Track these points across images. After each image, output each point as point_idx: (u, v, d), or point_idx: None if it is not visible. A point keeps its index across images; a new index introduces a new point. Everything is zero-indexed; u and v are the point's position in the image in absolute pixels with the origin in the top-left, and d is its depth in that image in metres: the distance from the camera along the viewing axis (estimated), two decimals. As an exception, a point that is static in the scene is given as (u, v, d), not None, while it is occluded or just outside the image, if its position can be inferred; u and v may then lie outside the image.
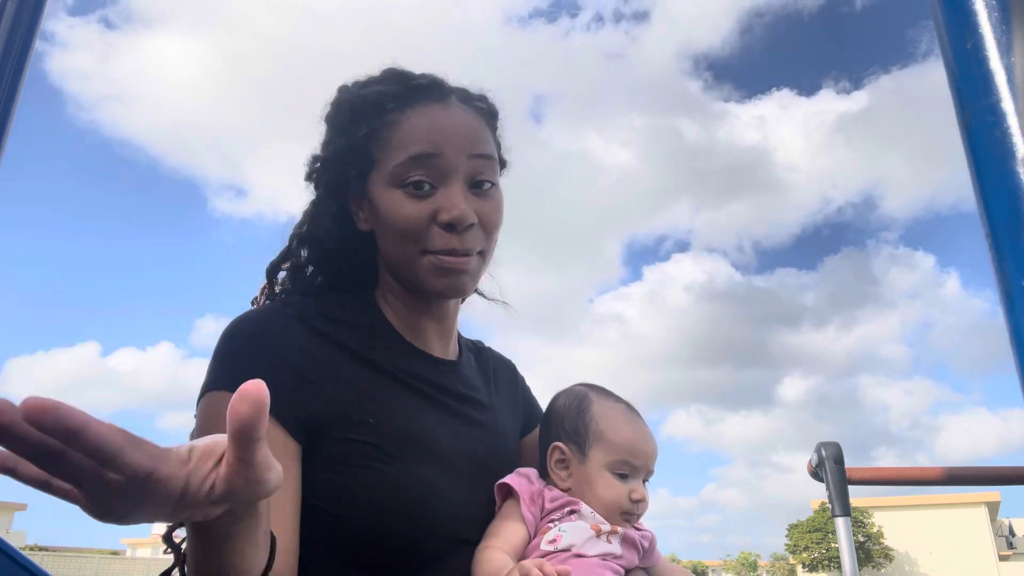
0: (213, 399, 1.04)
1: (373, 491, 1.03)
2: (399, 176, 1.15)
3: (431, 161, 1.15)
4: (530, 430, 1.42)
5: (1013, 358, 0.48)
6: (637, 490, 1.18)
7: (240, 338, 1.10)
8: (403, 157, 1.15)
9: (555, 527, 1.12)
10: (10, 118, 0.88)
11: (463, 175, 1.16)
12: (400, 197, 1.15)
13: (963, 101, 0.53)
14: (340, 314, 1.18)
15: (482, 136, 1.22)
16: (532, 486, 1.16)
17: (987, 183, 0.51)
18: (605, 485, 1.17)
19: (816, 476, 2.38)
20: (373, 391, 1.11)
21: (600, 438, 1.20)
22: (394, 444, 1.07)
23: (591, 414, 1.22)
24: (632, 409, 1.27)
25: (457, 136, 1.17)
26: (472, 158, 1.17)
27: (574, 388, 1.30)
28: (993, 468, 2.48)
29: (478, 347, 1.44)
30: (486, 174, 1.19)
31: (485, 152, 1.20)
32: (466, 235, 1.15)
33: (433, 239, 1.14)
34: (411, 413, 1.12)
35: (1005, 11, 0.52)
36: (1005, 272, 0.48)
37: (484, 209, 1.18)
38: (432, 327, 1.25)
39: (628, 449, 1.19)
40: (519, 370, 1.50)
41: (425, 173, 1.15)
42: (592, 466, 1.18)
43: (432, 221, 1.14)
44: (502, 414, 1.33)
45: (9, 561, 1.12)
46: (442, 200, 1.14)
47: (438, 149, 1.15)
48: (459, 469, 1.13)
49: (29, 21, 0.91)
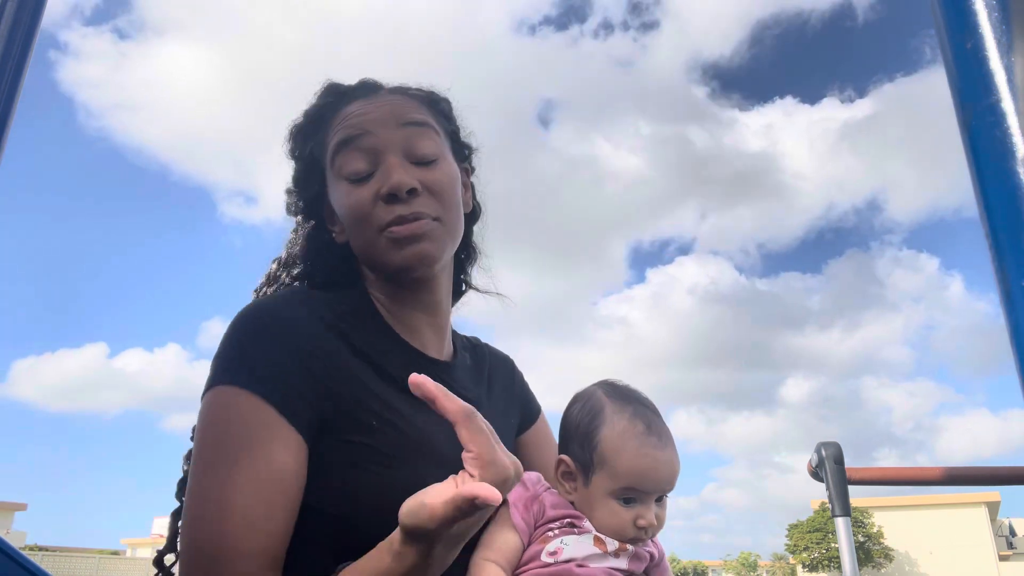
0: (224, 395, 1.01)
1: (374, 493, 1.01)
2: (338, 168, 1.18)
3: (360, 141, 1.17)
4: (528, 427, 1.41)
5: (1013, 358, 0.48)
6: (644, 516, 1.09)
7: (254, 331, 1.06)
8: (333, 148, 1.19)
9: (557, 539, 1.07)
10: (10, 118, 0.88)
11: (399, 148, 1.17)
12: (345, 188, 1.17)
13: (963, 101, 0.53)
14: (343, 308, 1.16)
15: (410, 108, 1.22)
16: (527, 491, 1.12)
17: (987, 183, 0.50)
18: (608, 512, 1.09)
19: (816, 476, 2.38)
20: (376, 389, 1.09)
21: (604, 464, 1.10)
22: (394, 446, 1.06)
23: (599, 436, 1.12)
24: (652, 425, 1.14)
25: (382, 113, 1.19)
26: (402, 127, 1.18)
27: (593, 394, 1.19)
28: (993, 468, 2.48)
29: (474, 344, 1.42)
30: (424, 144, 1.18)
31: (415, 119, 1.20)
32: (412, 201, 1.14)
33: (381, 215, 1.14)
34: (411, 413, 1.11)
35: (1005, 11, 0.51)
36: (1005, 272, 0.48)
37: (427, 177, 1.16)
38: (424, 321, 1.23)
39: (634, 478, 1.09)
40: (517, 366, 1.48)
41: (358, 158, 1.16)
42: (594, 491, 1.10)
43: (377, 199, 1.14)
44: (498, 413, 1.31)
45: (9, 561, 1.12)
46: (380, 176, 1.15)
47: (363, 129, 1.17)
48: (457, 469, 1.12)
49: (29, 21, 0.91)
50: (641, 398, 1.19)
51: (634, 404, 1.16)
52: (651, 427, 1.13)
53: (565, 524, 1.09)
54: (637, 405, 1.16)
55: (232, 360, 1.04)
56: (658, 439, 1.12)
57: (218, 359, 1.05)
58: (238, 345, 1.05)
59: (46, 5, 0.95)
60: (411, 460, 1.06)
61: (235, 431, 0.99)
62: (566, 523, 1.09)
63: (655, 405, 1.19)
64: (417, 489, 1.05)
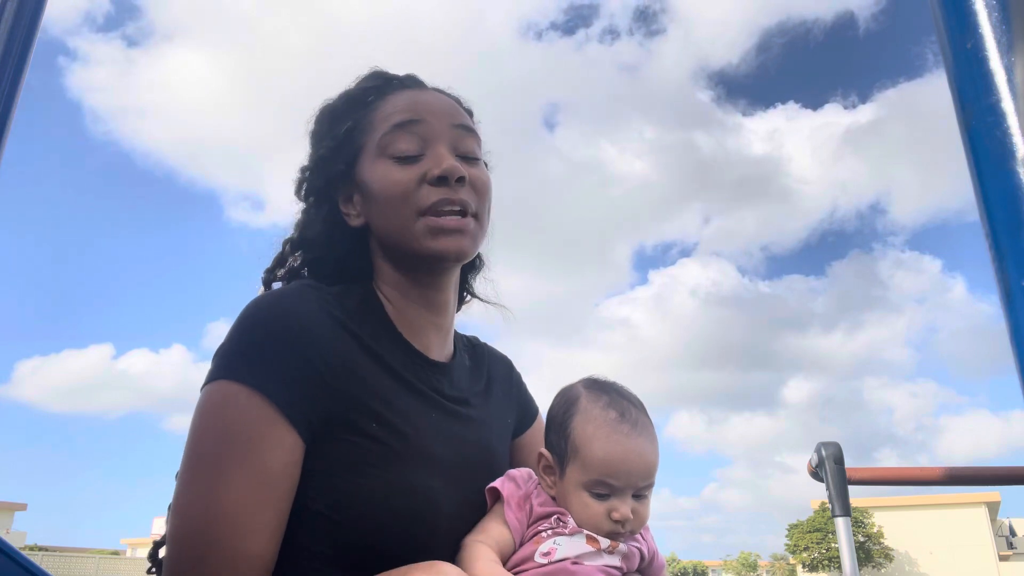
0: (223, 389, 0.99)
1: (373, 496, 1.00)
2: (385, 146, 1.18)
3: (415, 127, 1.18)
4: (525, 428, 1.41)
5: (1013, 358, 0.48)
6: (619, 509, 1.07)
7: (258, 326, 1.04)
8: (387, 127, 1.18)
9: (550, 540, 1.07)
10: (10, 118, 0.88)
11: (448, 142, 1.19)
12: (389, 165, 1.17)
13: (963, 101, 0.53)
14: (351, 303, 1.15)
15: (462, 112, 1.26)
16: (520, 490, 1.12)
17: (987, 183, 0.50)
18: (580, 504, 1.09)
19: (816, 476, 2.38)
20: (379, 389, 1.08)
21: (575, 455, 1.10)
22: (394, 450, 1.05)
23: (571, 425, 1.12)
24: (627, 416, 1.13)
25: (438, 107, 1.22)
26: (455, 127, 1.20)
27: (572, 387, 1.21)
28: (993, 468, 2.48)
29: (473, 344, 1.41)
30: (470, 147, 1.21)
31: (466, 124, 1.23)
32: (459, 189, 1.15)
33: (425, 197, 1.13)
34: (411, 415, 1.10)
35: (1005, 11, 0.51)
36: (1005, 272, 0.48)
37: (473, 172, 1.19)
38: (430, 323, 1.21)
39: (604, 469, 1.08)
40: (515, 367, 1.48)
41: (411, 141, 1.17)
42: (568, 483, 1.10)
43: (422, 181, 1.14)
44: (495, 414, 1.30)
45: (9, 561, 1.11)
46: (430, 161, 1.16)
47: (420, 116, 1.19)
48: (454, 473, 1.11)
49: (29, 21, 0.91)
50: (620, 389, 1.18)
51: (611, 394, 1.16)
52: (624, 415, 1.12)
53: (554, 522, 1.09)
54: (614, 395, 1.16)
55: (234, 354, 1.02)
56: (631, 427, 1.11)
57: (221, 352, 1.03)
58: (241, 339, 1.03)
59: (46, 5, 0.95)
60: (409, 464, 1.05)
61: (231, 428, 0.97)
62: (554, 520, 1.09)
63: (639, 399, 1.19)
64: (417, 491, 1.04)
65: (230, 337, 1.04)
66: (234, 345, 1.03)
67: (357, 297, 1.18)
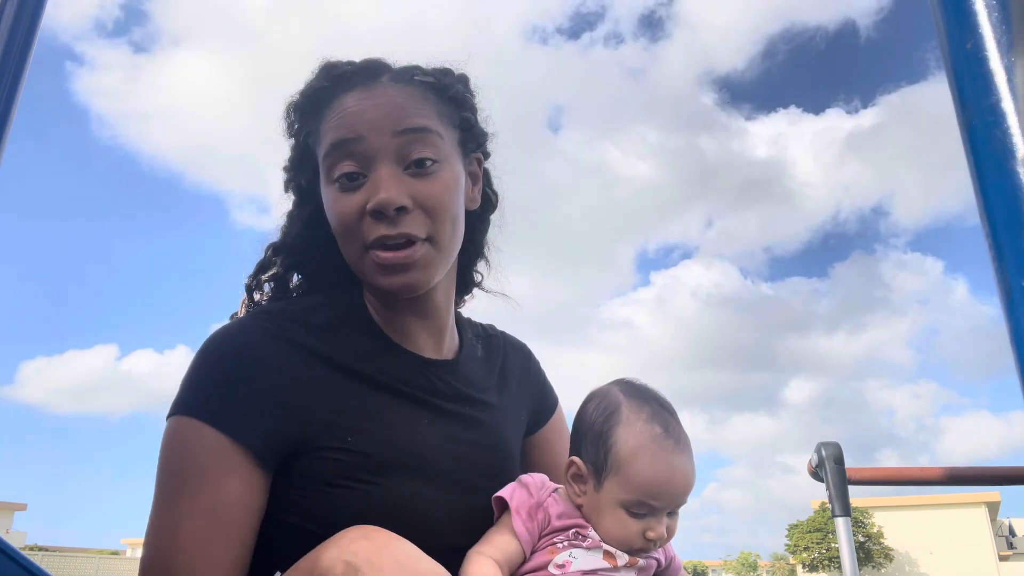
0: (179, 425, 1.02)
1: (353, 510, 0.99)
2: (328, 170, 1.11)
3: (353, 146, 1.08)
4: (543, 423, 1.36)
5: (1013, 359, 0.48)
6: (654, 529, 1.04)
7: (212, 360, 1.05)
8: (327, 146, 1.11)
9: (565, 551, 1.04)
10: (10, 118, 0.88)
11: (392, 155, 1.08)
12: (334, 193, 1.11)
13: (963, 101, 0.53)
14: (323, 319, 1.12)
15: (410, 110, 1.11)
16: (532, 498, 1.07)
17: (987, 183, 0.50)
18: (616, 521, 1.04)
19: (816, 476, 2.38)
20: (355, 405, 1.07)
21: (618, 471, 1.04)
22: (375, 460, 1.04)
23: (614, 438, 1.06)
24: (670, 428, 1.08)
25: (378, 116, 1.09)
26: (398, 135, 1.08)
27: (609, 392, 1.13)
28: (993, 468, 2.48)
29: (488, 333, 1.37)
30: (421, 150, 1.09)
31: (413, 125, 1.09)
32: (401, 220, 1.06)
33: (368, 231, 1.07)
34: (397, 423, 1.08)
35: (1005, 11, 0.51)
36: (1005, 273, 0.48)
37: (421, 191, 1.07)
38: (416, 323, 1.18)
39: (648, 490, 1.03)
40: (534, 355, 1.42)
41: (352, 162, 1.08)
42: (605, 498, 1.05)
43: (363, 213, 1.07)
44: (508, 410, 1.26)
45: (9, 561, 1.11)
46: (370, 187, 1.07)
47: (358, 132, 1.08)
48: (450, 477, 1.09)
49: (29, 21, 0.91)
50: (660, 398, 1.14)
51: (652, 405, 1.11)
52: (669, 430, 1.07)
53: (572, 535, 1.06)
54: (655, 406, 1.10)
55: (190, 390, 1.04)
56: (675, 443, 1.07)
57: (181, 386, 1.05)
58: (196, 375, 1.05)
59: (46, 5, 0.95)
60: (392, 473, 1.04)
61: (186, 461, 0.99)
62: (571, 533, 1.06)
63: (673, 407, 1.15)
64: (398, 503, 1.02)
65: (188, 373, 1.06)
66: (188, 380, 1.05)
67: (339, 307, 1.16)
